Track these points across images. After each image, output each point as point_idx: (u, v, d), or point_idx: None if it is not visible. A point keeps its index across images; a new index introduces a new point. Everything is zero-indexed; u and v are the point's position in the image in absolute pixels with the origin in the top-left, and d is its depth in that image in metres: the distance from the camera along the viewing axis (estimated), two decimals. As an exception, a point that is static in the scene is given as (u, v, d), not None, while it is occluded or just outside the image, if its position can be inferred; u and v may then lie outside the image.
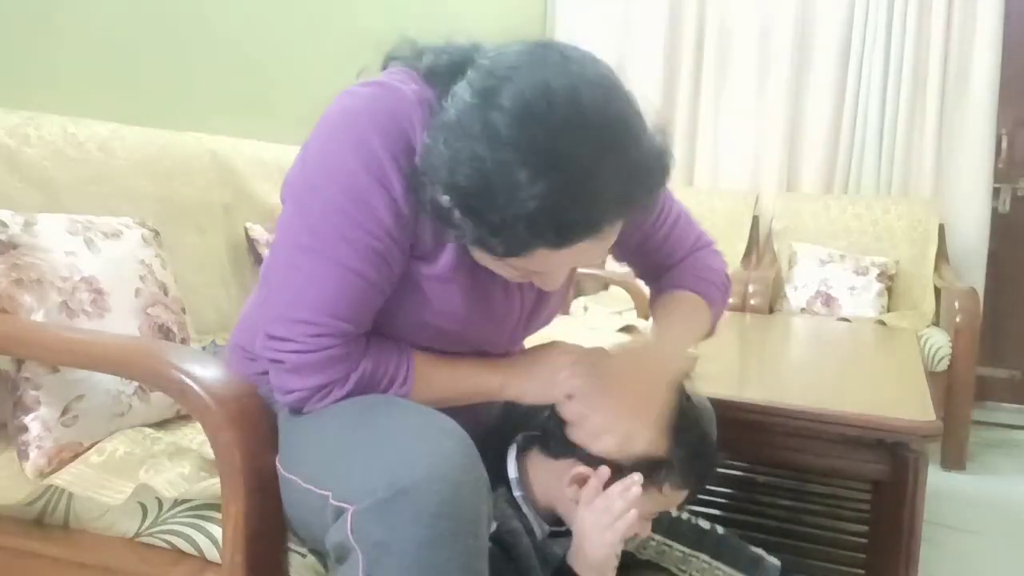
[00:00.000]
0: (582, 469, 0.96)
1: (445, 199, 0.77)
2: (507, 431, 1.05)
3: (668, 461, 0.96)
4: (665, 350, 1.03)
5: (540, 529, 1.00)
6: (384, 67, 0.91)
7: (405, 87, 0.84)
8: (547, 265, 0.82)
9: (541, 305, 1.03)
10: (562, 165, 0.73)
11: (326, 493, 0.77)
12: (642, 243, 1.09)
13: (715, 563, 1.21)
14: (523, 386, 0.98)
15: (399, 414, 0.83)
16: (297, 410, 0.89)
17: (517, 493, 0.99)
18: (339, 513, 0.75)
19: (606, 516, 0.92)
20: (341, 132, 0.84)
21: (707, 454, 1.02)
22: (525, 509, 0.99)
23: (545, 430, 1.00)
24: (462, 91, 0.77)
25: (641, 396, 0.95)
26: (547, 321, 1.08)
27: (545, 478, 1.00)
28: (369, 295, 0.86)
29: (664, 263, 1.13)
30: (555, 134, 0.73)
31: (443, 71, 0.83)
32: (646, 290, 1.20)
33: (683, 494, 1.00)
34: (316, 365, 0.85)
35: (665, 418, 0.95)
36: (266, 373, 0.89)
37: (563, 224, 0.75)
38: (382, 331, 0.91)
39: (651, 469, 0.95)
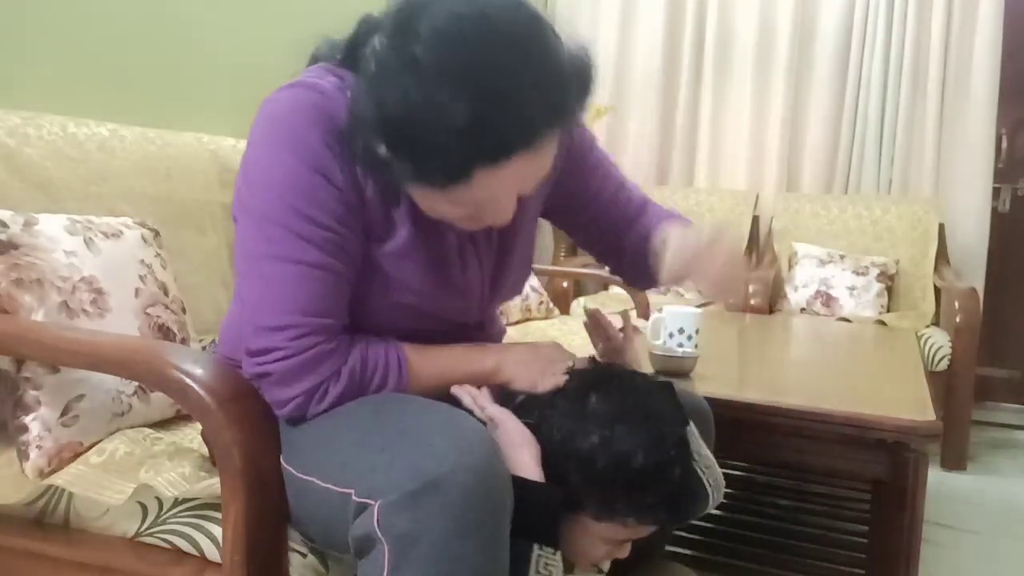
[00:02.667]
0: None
1: (380, 147, 0.79)
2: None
3: (622, 502, 0.89)
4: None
5: None
6: (307, 67, 0.94)
7: (323, 80, 0.87)
8: (490, 190, 0.82)
9: (503, 270, 1.04)
10: (482, 79, 0.75)
11: (348, 491, 0.77)
12: (596, 217, 1.13)
13: None
14: (516, 370, 0.98)
15: (419, 411, 0.83)
16: (299, 419, 0.88)
17: None
18: (362, 509, 0.75)
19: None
20: (272, 136, 0.86)
21: (672, 498, 0.91)
22: None
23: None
24: (376, 42, 0.80)
25: None
26: (515, 289, 1.10)
27: None
28: (338, 285, 0.88)
29: (620, 229, 1.14)
30: (470, 50, 0.76)
31: (356, 45, 0.87)
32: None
33: (652, 527, 0.94)
34: (305, 366, 0.86)
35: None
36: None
37: (494, 137, 0.77)
38: (356, 322, 0.92)
39: (603, 504, 0.90)
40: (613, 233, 1.15)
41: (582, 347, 1.16)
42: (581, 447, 0.89)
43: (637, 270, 1.14)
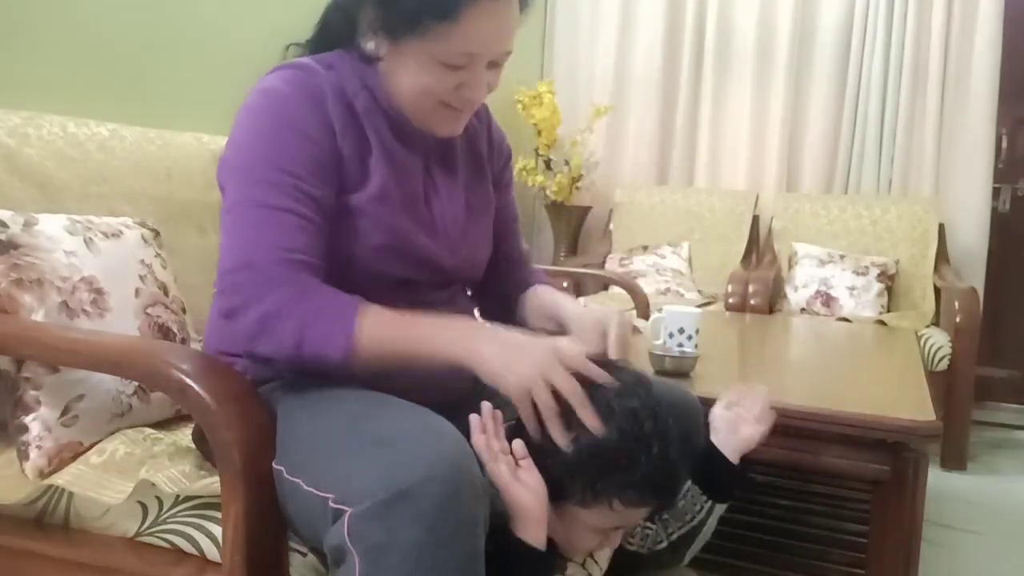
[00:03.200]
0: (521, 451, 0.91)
1: (368, 16, 0.95)
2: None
3: (607, 477, 0.88)
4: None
5: None
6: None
7: (303, 60, 1.00)
8: (473, 31, 0.92)
9: (473, 214, 1.11)
10: None
11: (328, 496, 0.77)
12: (497, 225, 1.19)
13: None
14: (491, 362, 0.87)
15: (397, 417, 0.83)
16: (251, 343, 0.89)
17: None
18: (338, 515, 0.75)
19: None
20: (254, 105, 0.96)
21: (654, 475, 0.89)
22: None
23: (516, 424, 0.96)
24: None
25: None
26: (481, 248, 1.14)
27: None
28: (302, 226, 0.91)
29: (502, 257, 1.21)
30: None
31: (327, 28, 1.04)
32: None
33: (641, 512, 0.94)
34: (259, 294, 0.87)
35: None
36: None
37: None
38: (341, 270, 0.95)
39: (587, 489, 0.89)
40: (490, 268, 1.20)
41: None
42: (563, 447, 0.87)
43: (502, 306, 1.22)
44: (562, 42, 3.88)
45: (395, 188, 1.00)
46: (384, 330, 0.89)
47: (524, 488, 0.87)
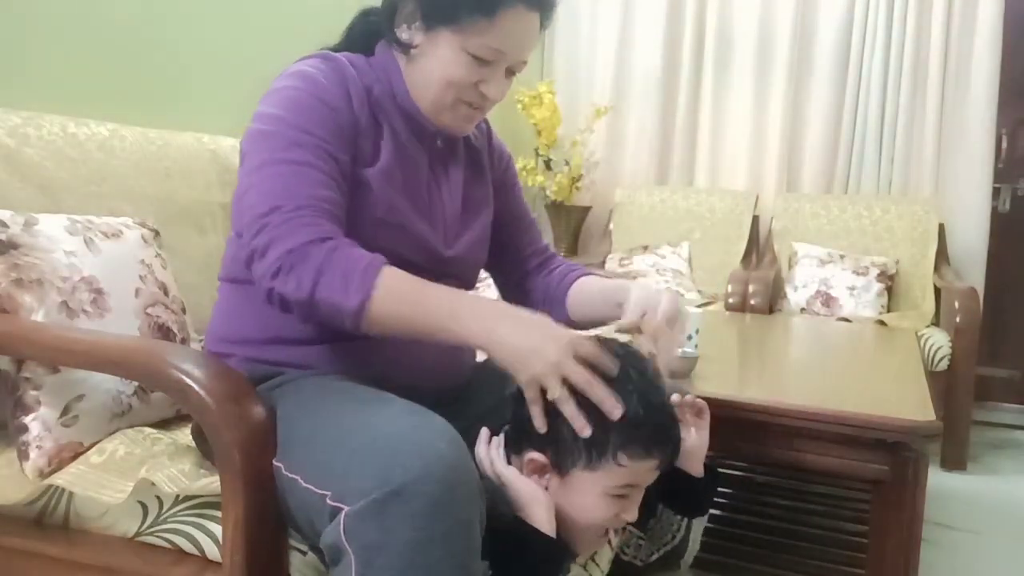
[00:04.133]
0: (534, 455, 0.93)
1: (407, 8, 1.02)
2: (494, 425, 1.04)
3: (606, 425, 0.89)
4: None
5: None
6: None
7: (330, 52, 1.07)
8: (504, 32, 1.00)
9: (466, 214, 1.15)
10: None
11: (325, 493, 0.78)
12: (510, 223, 1.26)
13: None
14: (505, 347, 0.87)
15: (394, 415, 0.83)
16: (272, 280, 0.88)
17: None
18: (335, 513, 0.75)
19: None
20: (282, 81, 1.02)
21: (651, 414, 0.92)
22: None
23: (513, 423, 0.97)
24: None
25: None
26: (478, 246, 1.17)
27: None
28: (328, 183, 0.95)
29: (527, 254, 1.28)
30: None
31: (354, 32, 1.13)
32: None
33: (649, 465, 0.93)
34: (284, 233, 0.89)
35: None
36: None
37: None
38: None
39: (592, 448, 0.90)
40: (516, 265, 1.28)
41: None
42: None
43: (545, 302, 1.24)
44: (562, 42, 3.88)
45: (400, 172, 1.05)
46: (403, 290, 0.89)
47: (521, 476, 0.91)
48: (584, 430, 0.87)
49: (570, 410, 0.86)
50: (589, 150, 3.76)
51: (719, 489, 1.13)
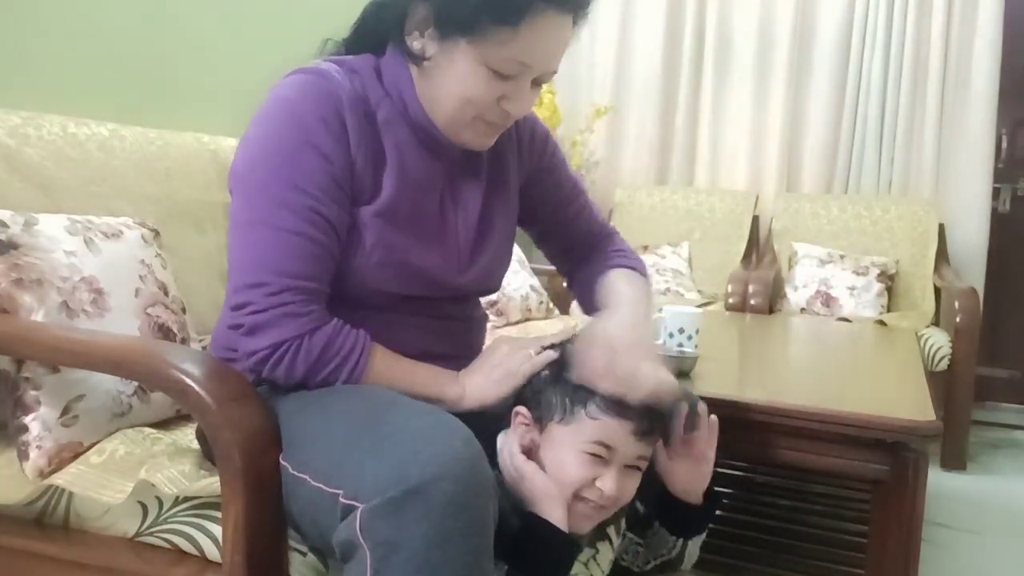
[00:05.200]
0: (520, 408, 0.96)
1: (419, 13, 0.92)
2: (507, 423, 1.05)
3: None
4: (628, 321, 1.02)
5: None
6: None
7: (323, 65, 0.96)
8: (529, 42, 0.91)
9: (483, 242, 1.08)
10: None
11: (337, 491, 0.78)
12: (554, 213, 1.19)
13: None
14: (484, 388, 0.99)
15: (408, 413, 0.83)
16: (257, 373, 0.92)
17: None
18: (348, 511, 0.75)
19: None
20: (270, 114, 0.94)
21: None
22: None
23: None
24: None
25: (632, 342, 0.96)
26: (497, 263, 1.12)
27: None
28: (316, 253, 0.92)
29: (578, 241, 1.21)
30: None
31: (364, 28, 1.01)
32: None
33: (624, 426, 0.92)
34: (272, 321, 0.89)
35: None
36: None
37: None
38: (341, 285, 0.96)
39: (565, 400, 0.93)
40: (568, 254, 1.23)
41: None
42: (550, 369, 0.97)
43: (583, 299, 1.21)
44: (562, 42, 3.87)
45: (405, 203, 0.98)
46: (392, 376, 0.95)
47: (539, 471, 0.92)
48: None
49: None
50: (589, 150, 3.76)
51: (718, 489, 1.12)
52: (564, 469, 0.93)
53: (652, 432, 0.96)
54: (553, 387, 0.95)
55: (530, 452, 0.95)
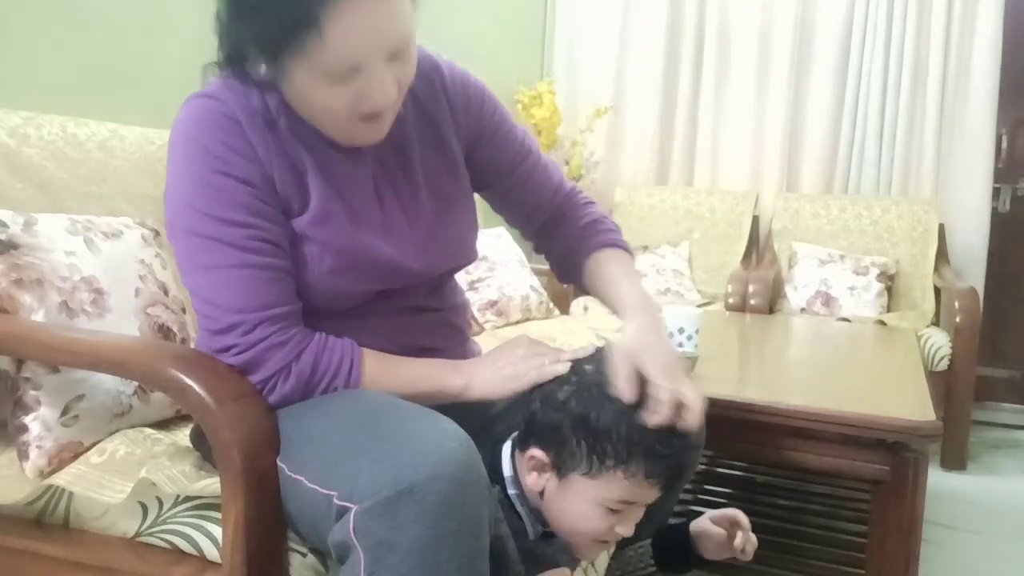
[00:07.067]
0: (536, 452, 0.93)
1: (242, 36, 0.85)
2: (503, 429, 1.05)
3: (611, 435, 0.88)
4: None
5: (533, 529, 0.98)
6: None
7: (211, 85, 0.94)
8: (346, 40, 0.81)
9: (439, 211, 1.04)
10: None
11: (331, 493, 0.78)
12: (509, 174, 1.12)
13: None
14: (491, 382, 0.98)
15: (404, 415, 0.83)
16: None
17: (512, 491, 0.98)
18: (342, 512, 0.75)
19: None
20: (176, 152, 0.93)
21: (668, 444, 0.89)
22: (519, 508, 0.98)
23: (526, 421, 0.97)
24: None
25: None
26: (461, 234, 1.08)
27: None
28: (271, 277, 0.91)
29: (539, 203, 1.16)
30: None
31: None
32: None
33: (651, 487, 0.91)
34: (258, 357, 0.90)
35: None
36: None
37: None
38: (307, 301, 0.95)
39: (592, 452, 0.89)
40: (531, 218, 1.18)
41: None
42: (571, 406, 0.91)
43: (564, 268, 1.19)
44: (562, 42, 3.88)
45: (338, 203, 0.95)
46: (388, 380, 0.95)
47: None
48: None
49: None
50: (589, 150, 3.76)
51: (718, 489, 1.13)
52: (585, 520, 0.93)
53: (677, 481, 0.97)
54: (576, 434, 0.90)
55: (540, 493, 0.95)
